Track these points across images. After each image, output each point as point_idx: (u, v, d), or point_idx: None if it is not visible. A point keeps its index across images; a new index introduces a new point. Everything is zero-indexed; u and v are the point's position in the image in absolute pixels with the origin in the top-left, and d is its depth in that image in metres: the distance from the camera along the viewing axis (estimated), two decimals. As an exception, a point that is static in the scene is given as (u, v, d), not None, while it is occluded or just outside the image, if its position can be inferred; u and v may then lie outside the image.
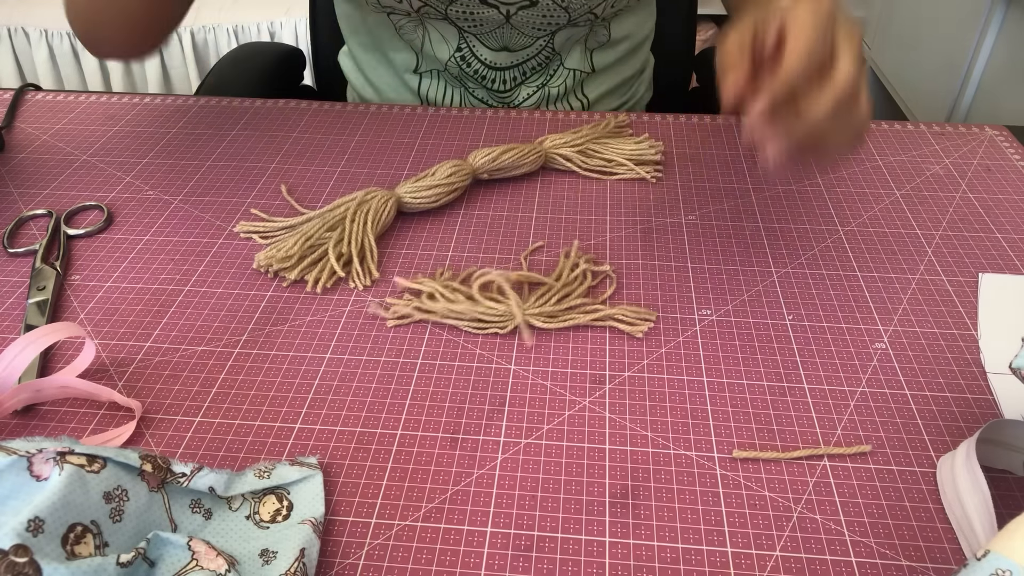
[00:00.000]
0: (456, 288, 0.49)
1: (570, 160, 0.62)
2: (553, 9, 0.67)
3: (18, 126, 0.70)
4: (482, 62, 0.72)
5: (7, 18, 1.97)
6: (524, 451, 0.40)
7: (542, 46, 0.72)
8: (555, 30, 0.70)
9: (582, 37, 0.73)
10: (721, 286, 0.51)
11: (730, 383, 0.44)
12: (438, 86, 0.77)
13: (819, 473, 0.39)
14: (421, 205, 0.56)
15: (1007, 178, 0.62)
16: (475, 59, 0.72)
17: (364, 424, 0.42)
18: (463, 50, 0.72)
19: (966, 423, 0.42)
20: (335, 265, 0.51)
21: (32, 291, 0.50)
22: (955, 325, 0.48)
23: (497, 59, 0.73)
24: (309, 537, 0.34)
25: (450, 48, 0.72)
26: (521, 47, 0.72)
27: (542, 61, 0.73)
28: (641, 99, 0.86)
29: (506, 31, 0.70)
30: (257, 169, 0.63)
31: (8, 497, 0.31)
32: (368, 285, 0.51)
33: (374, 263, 0.52)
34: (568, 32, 0.71)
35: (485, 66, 0.73)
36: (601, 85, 0.79)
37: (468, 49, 0.72)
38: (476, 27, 0.70)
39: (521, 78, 0.75)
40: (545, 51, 0.72)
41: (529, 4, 0.67)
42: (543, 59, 0.73)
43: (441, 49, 0.73)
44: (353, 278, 0.51)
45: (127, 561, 0.30)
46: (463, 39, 0.71)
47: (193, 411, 0.42)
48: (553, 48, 0.72)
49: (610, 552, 0.35)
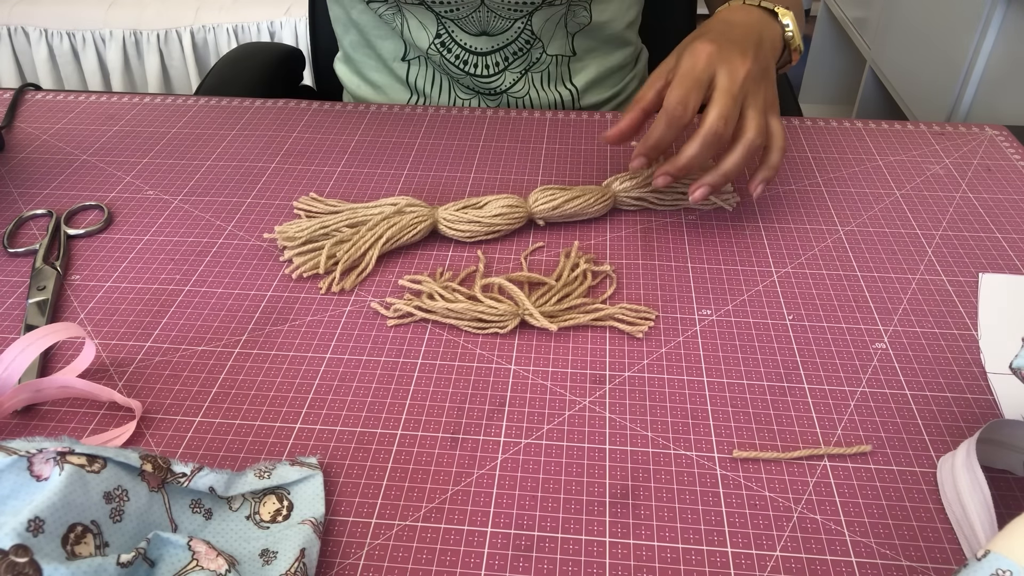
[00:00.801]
0: (456, 288, 0.48)
1: (643, 200, 0.57)
2: None
3: (18, 126, 0.70)
4: (462, 47, 0.73)
5: (7, 18, 1.97)
6: (524, 451, 0.40)
7: (520, 28, 0.72)
8: (531, 10, 0.70)
9: (560, 18, 0.73)
10: (721, 286, 0.51)
11: (730, 383, 0.44)
12: (426, 74, 0.78)
13: (819, 473, 0.39)
14: (456, 236, 0.54)
15: (1007, 178, 0.62)
16: (455, 44, 0.73)
17: (364, 424, 0.42)
18: (442, 36, 0.72)
19: (966, 423, 0.42)
20: (321, 261, 0.51)
21: (32, 291, 0.50)
22: (955, 325, 0.48)
23: (477, 44, 0.73)
24: (309, 537, 0.34)
25: (429, 35, 0.73)
26: (500, 31, 0.72)
27: (523, 46, 0.73)
28: (634, 94, 0.86)
29: (482, 14, 0.70)
30: (257, 169, 0.63)
31: (8, 497, 0.31)
32: (334, 292, 0.50)
33: (358, 278, 0.51)
34: (545, 13, 0.71)
35: (465, 51, 0.73)
36: (587, 72, 0.79)
37: (448, 35, 0.72)
38: (453, 11, 0.70)
39: (503, 63, 0.75)
40: (524, 34, 0.73)
41: None
42: (523, 43, 0.73)
43: (421, 36, 0.73)
44: (324, 280, 0.51)
45: (127, 561, 0.30)
46: (441, 24, 0.72)
47: (193, 411, 0.42)
48: (532, 32, 0.73)
49: (610, 552, 0.35)
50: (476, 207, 0.54)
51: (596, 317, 0.47)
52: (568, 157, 0.65)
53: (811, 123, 0.70)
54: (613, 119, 0.70)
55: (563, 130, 0.68)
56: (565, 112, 0.71)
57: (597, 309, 0.48)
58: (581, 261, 0.51)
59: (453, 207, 0.54)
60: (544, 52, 0.75)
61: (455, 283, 0.49)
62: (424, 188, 0.61)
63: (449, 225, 0.53)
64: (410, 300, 0.48)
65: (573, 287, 0.50)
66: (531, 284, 0.50)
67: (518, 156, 0.65)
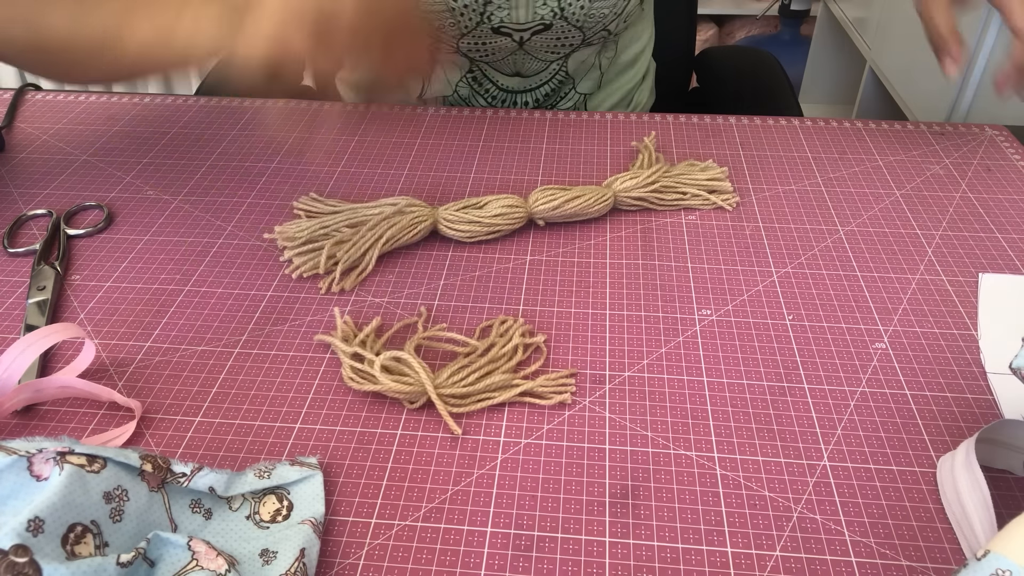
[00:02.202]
0: (369, 359, 0.43)
1: (644, 200, 0.57)
2: (567, 30, 0.66)
3: (18, 126, 0.70)
4: (494, 84, 0.72)
5: (7, 18, 1.96)
6: (524, 451, 0.40)
7: (555, 71, 0.71)
8: (569, 52, 0.69)
9: (595, 55, 0.72)
10: (721, 286, 0.51)
11: (730, 383, 0.44)
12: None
13: (819, 473, 0.39)
14: (456, 236, 0.54)
15: (1007, 178, 0.62)
16: (487, 80, 0.72)
17: (364, 424, 0.42)
18: (475, 72, 0.71)
19: (966, 423, 0.42)
20: (321, 261, 0.50)
21: (32, 291, 0.50)
22: (955, 325, 0.48)
23: (510, 83, 0.72)
24: (309, 537, 0.34)
25: (461, 70, 0.72)
26: (534, 72, 0.71)
27: (556, 87, 0.73)
28: (643, 106, 0.86)
29: (519, 57, 0.69)
30: (257, 169, 0.63)
31: (8, 497, 0.31)
32: (334, 292, 0.50)
33: (358, 278, 0.51)
34: (582, 54, 0.70)
35: (497, 88, 0.72)
36: (605, 101, 0.79)
37: (480, 72, 0.71)
38: (488, 56, 0.69)
39: (533, 104, 0.74)
40: (558, 76, 0.72)
41: (543, 28, 0.66)
42: (556, 84, 0.72)
43: (452, 73, 0.72)
44: (324, 280, 0.51)
45: (127, 561, 0.30)
46: (475, 64, 0.71)
47: (193, 411, 0.42)
48: (567, 72, 0.72)
49: (610, 552, 0.35)
50: (476, 207, 0.54)
51: (513, 395, 0.42)
52: (568, 157, 0.65)
53: (811, 123, 0.70)
54: (613, 119, 0.70)
55: (563, 130, 0.68)
56: (566, 112, 0.71)
57: (516, 385, 0.43)
58: (516, 335, 0.46)
59: (453, 207, 0.54)
60: (574, 90, 0.75)
61: (379, 343, 0.46)
62: (424, 188, 0.61)
63: (449, 225, 0.53)
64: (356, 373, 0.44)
65: (499, 364, 0.44)
66: (451, 352, 0.46)
67: (518, 156, 0.65)
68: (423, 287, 0.51)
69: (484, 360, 0.44)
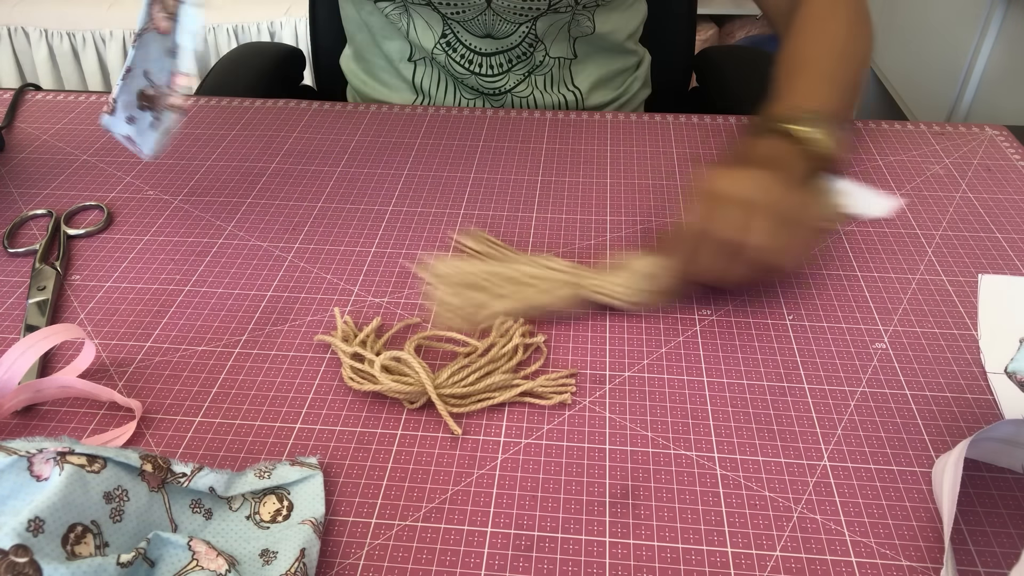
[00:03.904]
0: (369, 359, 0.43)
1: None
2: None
3: (18, 126, 0.70)
4: (467, 47, 0.73)
5: (7, 18, 1.97)
6: (524, 451, 0.40)
7: (525, 32, 0.73)
8: (536, 16, 0.71)
9: (564, 25, 0.74)
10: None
11: (730, 383, 0.44)
12: (432, 75, 0.78)
13: (819, 473, 0.39)
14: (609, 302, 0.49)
15: (1007, 178, 0.62)
16: (460, 44, 0.73)
17: (364, 424, 0.42)
18: (448, 36, 0.73)
19: (966, 423, 0.42)
20: (479, 318, 0.48)
21: (32, 291, 0.50)
22: (955, 325, 0.48)
23: (481, 45, 0.74)
24: (309, 537, 0.34)
25: (435, 35, 0.73)
26: (504, 34, 0.73)
27: (526, 49, 0.74)
28: (637, 95, 0.86)
29: (488, 17, 0.71)
30: (257, 169, 0.63)
31: (8, 497, 0.31)
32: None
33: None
34: (549, 19, 0.72)
35: (470, 51, 0.74)
36: (590, 75, 0.79)
37: (453, 35, 0.73)
38: (459, 13, 0.71)
39: (507, 65, 0.75)
40: (528, 38, 0.73)
41: None
42: (527, 47, 0.74)
43: (426, 36, 0.74)
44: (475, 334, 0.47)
45: (127, 561, 0.30)
46: (447, 25, 0.72)
47: (193, 411, 0.42)
48: (536, 35, 0.73)
49: (610, 552, 0.35)
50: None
51: (513, 395, 0.42)
52: (568, 157, 0.65)
53: (811, 123, 0.70)
54: (613, 119, 0.70)
55: (563, 130, 0.68)
56: (566, 112, 0.71)
57: (516, 385, 0.43)
58: (516, 335, 0.46)
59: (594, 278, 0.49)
60: (547, 55, 0.76)
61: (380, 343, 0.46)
62: (424, 188, 0.61)
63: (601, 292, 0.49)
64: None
65: (500, 364, 0.44)
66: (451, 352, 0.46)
67: (518, 156, 0.65)
68: (423, 287, 0.51)
69: (484, 360, 0.44)
